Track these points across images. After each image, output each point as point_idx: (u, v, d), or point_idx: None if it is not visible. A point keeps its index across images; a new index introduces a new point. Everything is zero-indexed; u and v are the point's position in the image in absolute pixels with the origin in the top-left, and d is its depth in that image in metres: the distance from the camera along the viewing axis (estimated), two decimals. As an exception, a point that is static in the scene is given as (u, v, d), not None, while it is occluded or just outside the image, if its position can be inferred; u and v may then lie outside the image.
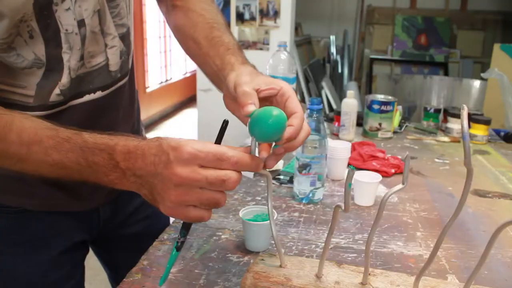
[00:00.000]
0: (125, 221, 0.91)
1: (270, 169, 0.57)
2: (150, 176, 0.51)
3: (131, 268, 0.70)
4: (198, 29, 0.76)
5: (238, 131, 1.01)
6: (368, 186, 0.96)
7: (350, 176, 0.49)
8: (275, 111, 0.50)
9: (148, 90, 5.29)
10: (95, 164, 0.53)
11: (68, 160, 0.54)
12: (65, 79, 0.66)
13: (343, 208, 0.51)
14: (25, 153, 0.55)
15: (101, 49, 0.70)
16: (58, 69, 0.65)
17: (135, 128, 0.88)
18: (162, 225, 0.86)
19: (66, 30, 0.63)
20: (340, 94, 4.03)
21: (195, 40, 0.76)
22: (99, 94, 0.71)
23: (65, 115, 0.68)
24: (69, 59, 0.66)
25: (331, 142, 1.09)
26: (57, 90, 0.66)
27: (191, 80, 6.11)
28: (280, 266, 0.62)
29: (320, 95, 3.69)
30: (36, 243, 0.77)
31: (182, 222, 0.56)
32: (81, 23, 0.65)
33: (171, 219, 0.86)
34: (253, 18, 3.15)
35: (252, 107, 0.54)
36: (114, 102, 0.76)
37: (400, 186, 0.49)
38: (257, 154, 0.53)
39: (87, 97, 0.70)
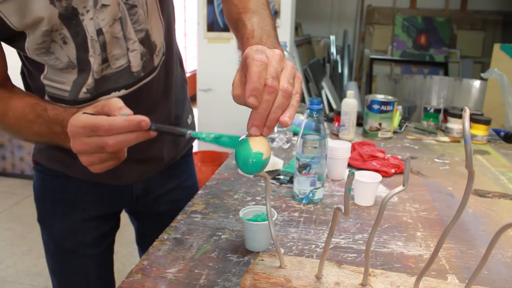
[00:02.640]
0: (157, 200, 1.02)
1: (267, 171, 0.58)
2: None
3: (156, 237, 0.79)
4: (232, 14, 0.85)
5: (237, 132, 1.01)
6: (368, 186, 0.96)
7: (350, 181, 0.49)
8: (254, 152, 0.52)
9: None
10: (56, 133, 0.67)
11: (43, 130, 0.69)
12: (90, 80, 0.76)
13: (343, 211, 0.51)
14: (18, 126, 0.73)
15: (124, 52, 0.78)
16: (87, 70, 0.75)
17: (172, 115, 0.95)
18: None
19: (91, 37, 0.73)
20: (340, 94, 4.03)
21: (229, 24, 0.88)
22: (123, 92, 0.80)
23: None
24: (94, 62, 0.75)
25: (331, 142, 1.09)
26: (84, 89, 0.77)
27: (191, 80, 6.08)
28: (280, 266, 0.62)
29: (320, 95, 3.69)
30: (71, 204, 0.92)
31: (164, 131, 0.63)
32: (99, 32, 0.74)
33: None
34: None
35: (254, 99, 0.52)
36: (138, 99, 0.84)
37: (400, 188, 0.49)
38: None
39: (113, 94, 0.80)
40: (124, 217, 1.08)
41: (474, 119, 1.53)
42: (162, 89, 0.90)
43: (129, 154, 0.87)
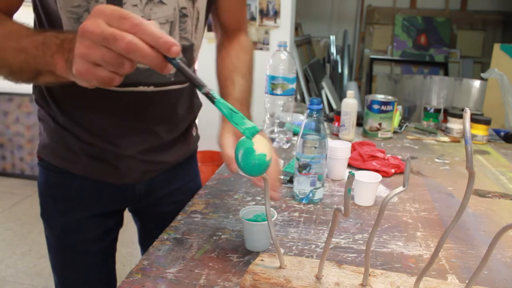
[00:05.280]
0: (160, 200, 1.02)
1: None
2: (74, 43, 0.53)
3: (158, 236, 0.79)
4: (224, 71, 0.94)
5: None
6: (368, 186, 0.96)
7: (350, 182, 0.49)
8: (257, 153, 0.53)
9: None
10: (47, 45, 0.58)
11: (31, 44, 0.60)
12: None
13: (342, 211, 0.50)
14: (2, 39, 0.63)
15: None
16: None
17: (181, 127, 0.98)
18: None
19: None
20: (340, 94, 4.03)
21: (218, 77, 0.96)
22: (152, 88, 0.83)
23: (119, 98, 0.81)
24: None
25: (331, 142, 1.09)
26: None
27: (191, 80, 6.09)
28: (280, 267, 0.62)
29: (320, 95, 3.69)
30: (73, 201, 0.92)
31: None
32: None
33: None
34: (253, 18, 3.14)
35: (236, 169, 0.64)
36: (162, 101, 0.87)
37: (400, 188, 0.49)
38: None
39: (141, 88, 0.82)
40: (125, 217, 1.08)
41: (474, 119, 1.53)
42: (187, 102, 0.96)
43: (133, 154, 0.89)
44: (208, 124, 3.37)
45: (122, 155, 0.88)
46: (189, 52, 0.87)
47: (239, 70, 0.93)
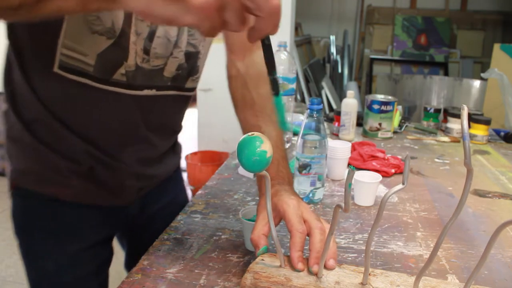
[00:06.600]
0: (153, 217, 0.95)
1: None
2: None
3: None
4: (248, 112, 0.83)
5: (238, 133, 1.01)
6: (368, 186, 0.96)
7: (350, 176, 0.49)
8: (258, 148, 0.53)
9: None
10: None
11: None
12: (131, 61, 0.70)
13: (343, 208, 0.51)
14: None
15: (166, 55, 0.75)
16: (124, 47, 0.68)
17: (173, 138, 0.93)
18: None
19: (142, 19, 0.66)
20: (340, 94, 4.03)
21: (244, 119, 0.84)
22: (154, 92, 0.77)
23: (123, 100, 0.73)
24: (136, 42, 0.69)
25: (331, 142, 1.09)
26: (122, 70, 0.70)
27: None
28: (280, 266, 0.62)
29: (320, 95, 3.69)
30: (66, 233, 0.80)
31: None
32: None
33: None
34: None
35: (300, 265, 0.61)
36: (162, 106, 0.81)
37: (400, 186, 0.49)
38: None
39: (145, 92, 0.76)
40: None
41: (474, 119, 1.53)
42: (182, 111, 0.89)
43: (129, 167, 0.81)
44: (208, 124, 3.38)
45: (117, 171, 0.80)
46: (193, 59, 0.81)
47: (265, 114, 0.81)
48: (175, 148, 0.98)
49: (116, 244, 1.03)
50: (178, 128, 0.94)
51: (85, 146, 0.75)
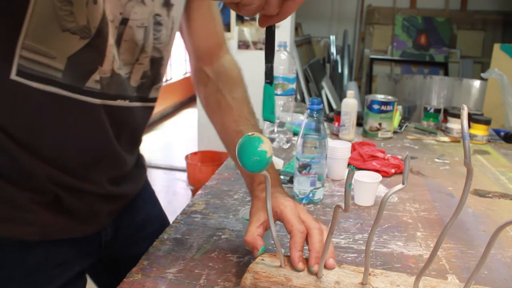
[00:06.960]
0: (129, 239, 0.87)
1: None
2: None
3: None
4: (226, 118, 0.80)
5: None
6: (368, 186, 0.96)
7: (350, 176, 0.49)
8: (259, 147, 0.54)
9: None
10: None
11: None
12: (107, 66, 0.61)
13: (343, 208, 0.51)
14: None
15: (132, 61, 0.68)
16: (100, 49, 0.60)
17: (136, 160, 0.86)
18: None
19: (112, 20, 0.61)
20: (340, 94, 4.03)
21: (223, 126, 0.81)
22: (127, 103, 0.70)
23: (96, 112, 0.65)
24: (113, 44, 0.62)
25: (331, 142, 1.09)
26: (96, 76, 0.61)
27: (191, 80, 6.12)
28: (280, 266, 0.62)
29: (320, 95, 3.69)
30: (35, 277, 0.69)
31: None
32: (124, 20, 0.63)
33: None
34: (253, 18, 3.15)
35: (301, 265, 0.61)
36: (134, 117, 0.74)
37: (400, 186, 0.49)
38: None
39: (119, 102, 0.68)
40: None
41: (474, 119, 1.53)
42: (146, 122, 0.81)
43: (98, 187, 0.73)
44: (208, 124, 3.38)
45: (85, 195, 0.71)
46: (157, 65, 0.73)
47: (244, 118, 0.80)
48: (139, 161, 0.89)
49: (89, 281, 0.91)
50: (141, 141, 0.86)
51: (47, 171, 0.64)
